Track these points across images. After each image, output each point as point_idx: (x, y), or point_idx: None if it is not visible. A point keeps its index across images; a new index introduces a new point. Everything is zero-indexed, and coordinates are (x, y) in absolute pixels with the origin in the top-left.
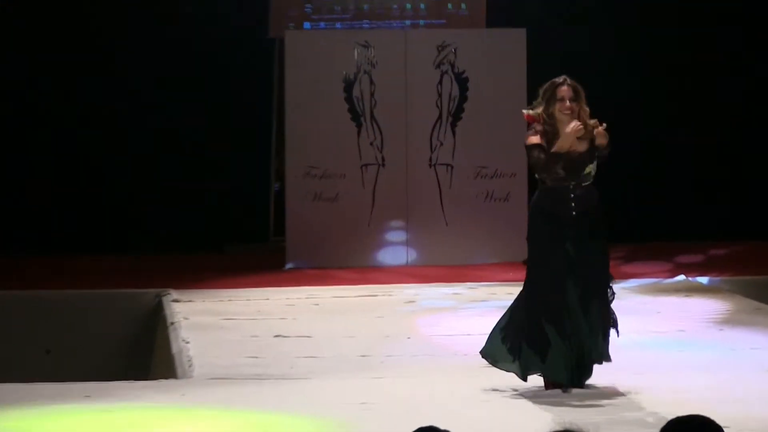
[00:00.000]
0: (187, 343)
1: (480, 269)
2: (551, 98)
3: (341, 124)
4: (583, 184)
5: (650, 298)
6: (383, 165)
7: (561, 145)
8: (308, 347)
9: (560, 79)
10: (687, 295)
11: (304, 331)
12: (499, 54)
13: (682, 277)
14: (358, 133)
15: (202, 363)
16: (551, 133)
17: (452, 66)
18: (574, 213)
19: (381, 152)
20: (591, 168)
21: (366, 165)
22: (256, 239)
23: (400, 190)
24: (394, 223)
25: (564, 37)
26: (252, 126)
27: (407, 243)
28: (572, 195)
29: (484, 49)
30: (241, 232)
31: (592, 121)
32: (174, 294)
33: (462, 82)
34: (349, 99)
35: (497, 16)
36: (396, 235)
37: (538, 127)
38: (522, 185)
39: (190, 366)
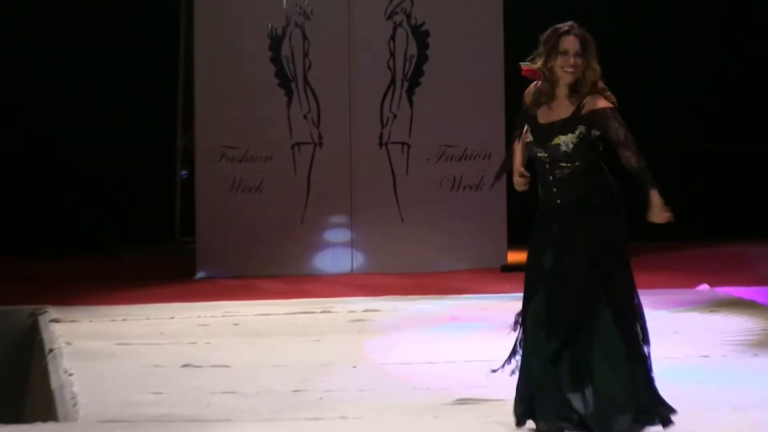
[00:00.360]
0: (71, 375)
1: (445, 278)
2: (552, 50)
3: (266, 92)
4: (560, 164)
5: (665, 314)
6: (320, 145)
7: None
8: (226, 380)
9: (565, 27)
10: (712, 311)
11: (220, 360)
12: (470, 1)
13: (704, 286)
14: (288, 103)
15: (89, 401)
16: (549, 94)
17: (408, 16)
18: (558, 201)
19: (317, 128)
20: (564, 140)
21: (298, 144)
22: (158, 241)
23: (342, 177)
24: (335, 220)
25: None
26: (151, 95)
27: (352, 245)
28: (551, 177)
29: None
30: (139, 231)
31: (600, 85)
32: (53, 312)
33: (420, 37)
34: (276, 59)
35: None
36: (337, 235)
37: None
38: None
39: (74, 405)
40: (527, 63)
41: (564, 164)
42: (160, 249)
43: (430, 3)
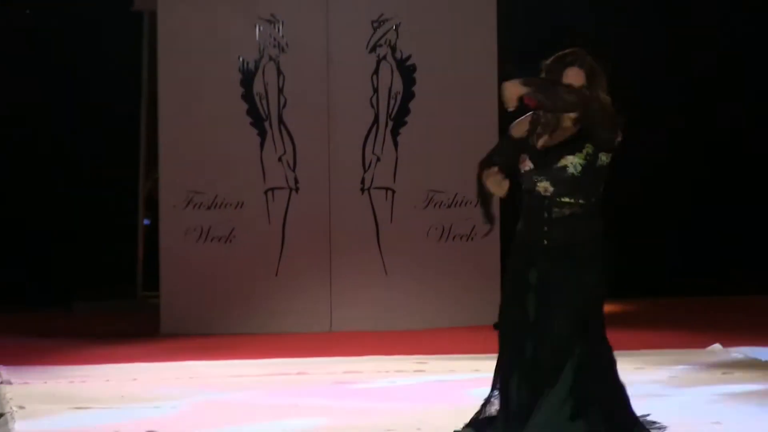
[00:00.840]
0: None
1: (433, 336)
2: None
3: (237, 131)
4: (562, 198)
5: (670, 376)
6: (296, 190)
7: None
8: None
9: (571, 57)
10: (725, 373)
11: (187, 426)
12: (460, 32)
13: (717, 346)
14: (262, 144)
15: None
16: (552, 125)
17: (393, 49)
18: (545, 242)
19: (293, 171)
20: (572, 162)
21: (272, 189)
22: (119, 294)
23: (320, 225)
24: (313, 272)
25: (555, 5)
26: (112, 134)
27: (331, 299)
28: (546, 214)
29: (439, 26)
30: (98, 283)
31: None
32: (4, 373)
33: (406, 71)
34: (248, 96)
35: None
36: (315, 289)
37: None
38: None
39: None
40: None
41: (566, 200)
42: (122, 304)
43: (416, 35)
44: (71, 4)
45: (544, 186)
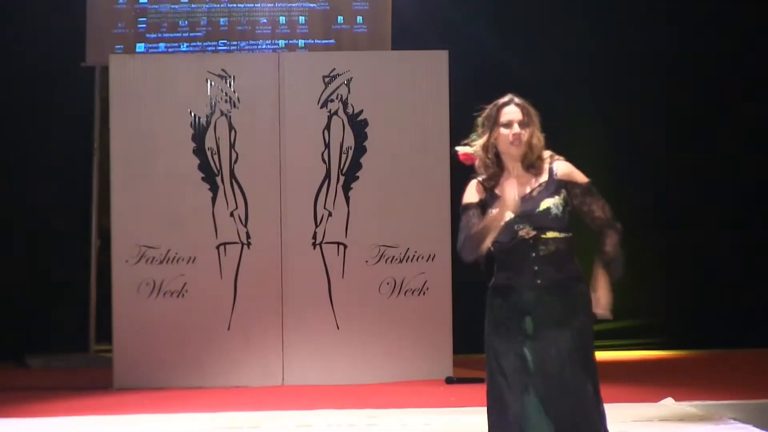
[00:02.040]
0: None
1: (384, 390)
2: (494, 124)
3: (189, 186)
4: (548, 234)
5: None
6: (248, 245)
7: (499, 212)
8: None
9: (505, 98)
10: (677, 428)
11: None
12: (411, 86)
13: (669, 400)
14: (213, 199)
15: None
16: (494, 173)
17: (345, 104)
18: (539, 281)
19: (245, 226)
20: (553, 203)
21: (224, 244)
22: (72, 348)
23: (272, 280)
24: (265, 326)
25: (505, 61)
26: (64, 188)
27: (283, 354)
28: (533, 254)
29: (390, 80)
30: (51, 338)
31: (547, 153)
32: None
33: (358, 126)
34: (199, 151)
35: (407, 35)
36: (267, 343)
37: (480, 170)
38: (444, 272)
39: None
40: (464, 147)
41: (552, 234)
42: (74, 357)
43: (368, 90)
44: (24, 57)
45: (526, 231)
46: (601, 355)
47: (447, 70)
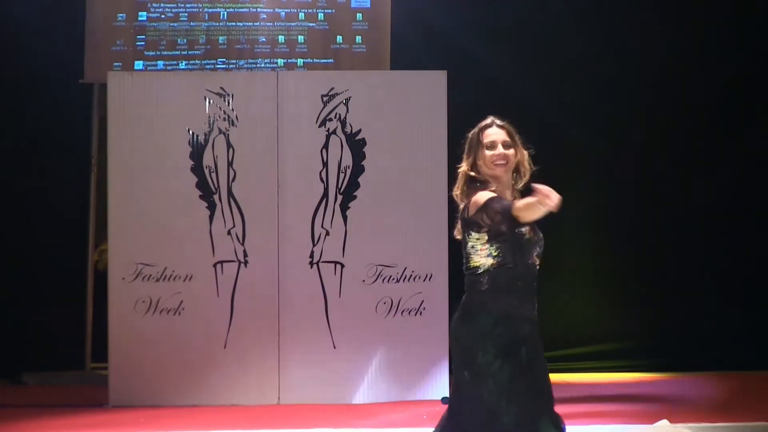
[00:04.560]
0: None
1: (381, 410)
2: (477, 145)
3: (187, 204)
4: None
5: None
6: (245, 263)
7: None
8: None
9: (487, 120)
10: None
11: None
12: (410, 106)
13: (664, 422)
14: (211, 217)
15: None
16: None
17: (343, 123)
18: (535, 313)
19: (242, 245)
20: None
21: (221, 262)
22: (68, 366)
23: (269, 299)
24: (262, 345)
25: (505, 81)
26: (61, 206)
27: (279, 373)
28: (534, 284)
29: (389, 100)
30: (47, 355)
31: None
32: None
33: (356, 146)
34: (197, 169)
35: (407, 55)
36: (264, 362)
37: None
38: (442, 292)
39: None
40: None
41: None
42: (70, 375)
43: (366, 109)
44: (22, 73)
45: (537, 255)
46: (594, 377)
47: (445, 90)
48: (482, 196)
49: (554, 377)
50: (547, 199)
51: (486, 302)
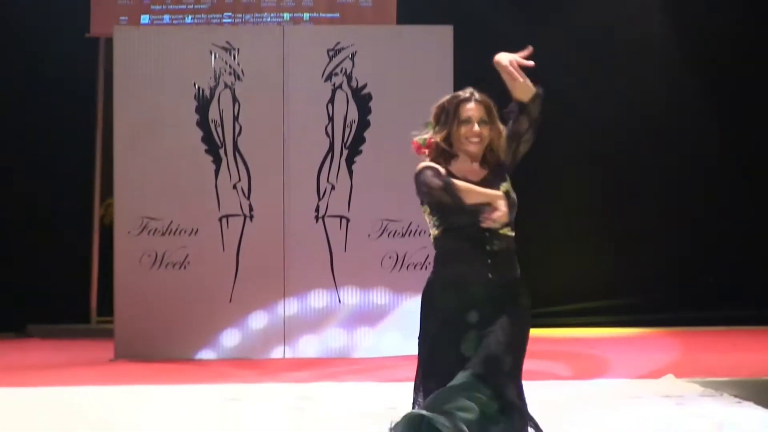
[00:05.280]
0: None
1: (385, 363)
2: (453, 118)
3: (192, 158)
4: (501, 230)
5: (615, 410)
6: (251, 217)
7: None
8: None
9: (466, 93)
10: (678, 403)
11: None
12: (416, 61)
13: (670, 376)
14: (216, 171)
15: None
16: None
17: (349, 78)
18: (490, 275)
19: (248, 199)
20: (508, 187)
21: (227, 216)
22: (73, 319)
23: (274, 253)
24: (266, 299)
25: (508, 37)
26: (66, 160)
27: (284, 327)
28: (487, 247)
29: (395, 55)
30: (52, 308)
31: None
32: None
33: (362, 100)
34: (203, 123)
35: (412, 10)
36: (269, 316)
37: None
38: None
39: None
40: (419, 136)
41: (504, 231)
42: (76, 330)
43: (372, 64)
44: (28, 27)
45: (498, 218)
46: (600, 332)
47: (452, 45)
48: (418, 168)
49: (559, 332)
50: (492, 215)
51: (436, 271)
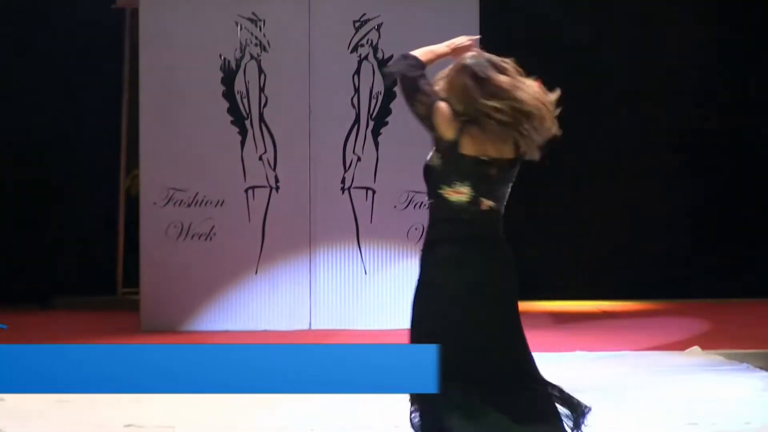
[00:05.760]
0: None
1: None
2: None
3: (218, 129)
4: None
5: (643, 379)
6: (277, 189)
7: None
8: None
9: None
10: (710, 372)
11: (165, 420)
12: (442, 32)
13: (695, 348)
14: (242, 142)
15: None
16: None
17: (375, 49)
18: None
19: (274, 170)
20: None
21: (253, 188)
22: (99, 291)
23: (300, 224)
24: (293, 271)
25: (533, 7)
26: (93, 132)
27: (310, 298)
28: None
29: (421, 26)
30: (77, 280)
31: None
32: None
33: None
34: (229, 95)
35: None
36: (295, 287)
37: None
38: None
39: None
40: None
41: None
42: (102, 301)
43: (398, 35)
44: (53, 0)
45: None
46: (621, 305)
47: (478, 16)
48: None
49: (585, 304)
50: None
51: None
